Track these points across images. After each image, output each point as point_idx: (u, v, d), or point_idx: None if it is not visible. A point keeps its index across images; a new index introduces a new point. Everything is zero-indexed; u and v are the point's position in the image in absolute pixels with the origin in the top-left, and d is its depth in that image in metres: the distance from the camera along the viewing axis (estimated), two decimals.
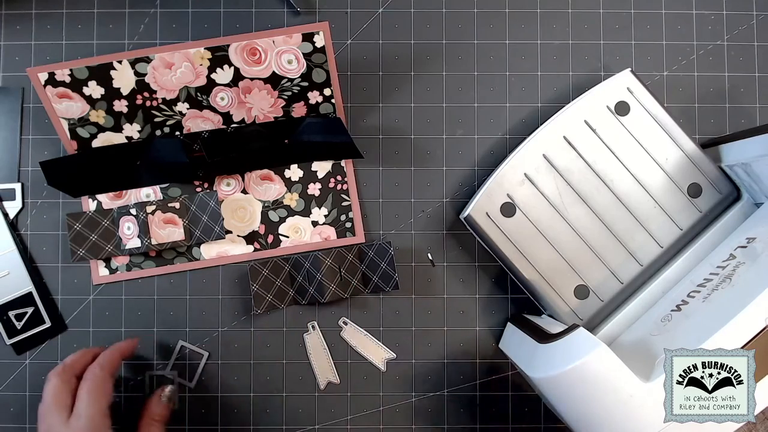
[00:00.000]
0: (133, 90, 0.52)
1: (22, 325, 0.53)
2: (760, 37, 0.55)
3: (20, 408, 0.53)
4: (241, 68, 0.52)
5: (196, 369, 0.54)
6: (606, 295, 0.50)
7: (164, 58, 0.51)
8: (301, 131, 0.53)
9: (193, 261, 0.54)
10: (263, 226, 0.54)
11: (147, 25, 0.54)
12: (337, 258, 0.53)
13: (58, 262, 0.53)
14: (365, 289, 0.53)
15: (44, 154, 0.53)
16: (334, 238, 0.54)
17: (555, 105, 0.54)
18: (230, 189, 0.54)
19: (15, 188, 0.53)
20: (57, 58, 0.53)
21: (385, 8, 0.54)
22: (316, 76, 0.52)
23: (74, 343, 0.53)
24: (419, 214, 0.55)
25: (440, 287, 0.54)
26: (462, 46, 0.55)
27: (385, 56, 0.54)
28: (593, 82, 0.51)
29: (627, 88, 0.50)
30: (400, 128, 0.55)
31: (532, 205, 0.50)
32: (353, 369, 0.54)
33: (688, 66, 0.55)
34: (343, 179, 0.54)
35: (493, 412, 0.54)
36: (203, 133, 0.53)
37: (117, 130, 0.52)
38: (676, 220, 0.50)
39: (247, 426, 0.54)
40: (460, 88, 0.55)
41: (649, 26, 0.55)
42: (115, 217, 0.53)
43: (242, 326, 0.54)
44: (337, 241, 0.54)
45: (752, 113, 0.55)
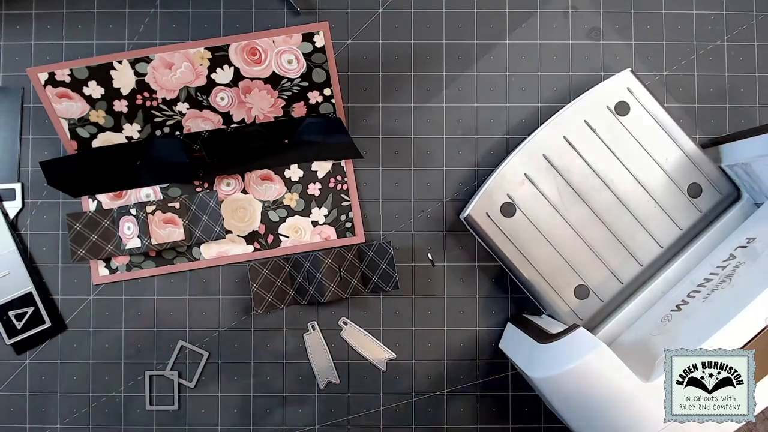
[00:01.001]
0: (133, 90, 0.52)
1: (22, 325, 0.53)
2: (760, 37, 0.55)
3: (20, 408, 0.53)
4: (241, 68, 0.52)
5: (196, 369, 0.54)
6: (606, 295, 0.50)
7: (164, 58, 0.51)
8: (301, 131, 0.53)
9: (193, 261, 0.54)
10: (263, 226, 0.54)
11: (147, 25, 0.54)
12: (337, 258, 0.53)
13: (58, 262, 0.53)
14: (365, 289, 0.53)
15: (44, 154, 0.53)
16: (334, 238, 0.54)
17: (555, 105, 0.54)
18: (230, 189, 0.54)
19: (15, 188, 0.53)
20: (57, 58, 0.53)
21: (385, 8, 0.54)
22: (316, 76, 0.52)
23: (74, 343, 0.53)
24: (419, 214, 0.55)
25: (440, 287, 0.54)
26: (462, 46, 0.55)
27: (385, 56, 0.54)
28: (593, 82, 0.51)
29: (627, 88, 0.50)
30: (400, 128, 0.55)
31: (532, 204, 0.50)
32: (353, 369, 0.54)
33: (688, 66, 0.55)
34: (343, 179, 0.54)
35: (493, 412, 0.54)
36: (203, 133, 0.53)
37: (117, 130, 0.52)
38: (676, 220, 0.50)
39: (247, 426, 0.54)
40: (460, 88, 0.55)
41: (649, 26, 0.55)
42: (115, 217, 0.53)
43: (242, 326, 0.54)
44: (337, 241, 0.54)
45: (752, 113, 0.55)
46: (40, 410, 0.53)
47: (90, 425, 0.53)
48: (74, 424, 0.53)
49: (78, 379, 0.53)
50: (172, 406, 0.53)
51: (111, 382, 0.53)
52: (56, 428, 0.53)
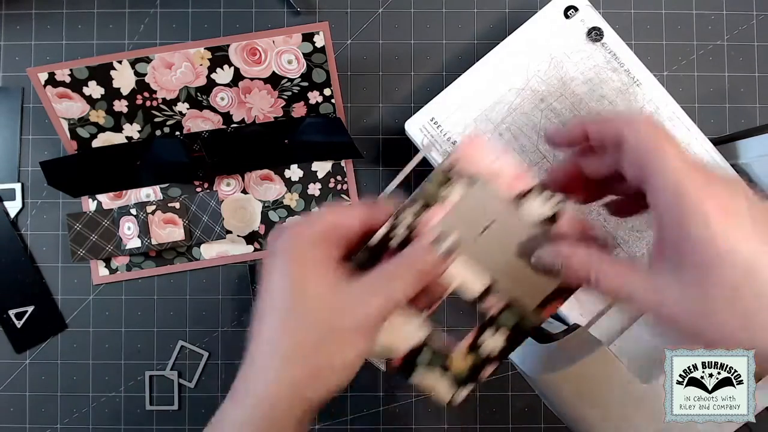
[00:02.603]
0: (133, 90, 0.52)
1: (22, 324, 0.53)
2: (760, 37, 0.55)
3: (20, 408, 0.53)
4: (241, 68, 0.52)
5: (196, 369, 0.54)
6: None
7: (164, 58, 0.51)
8: (301, 131, 0.53)
9: (193, 261, 0.54)
10: (263, 226, 0.54)
11: (147, 25, 0.54)
12: None
13: (58, 262, 0.53)
14: None
15: (44, 154, 0.53)
16: None
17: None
18: (230, 189, 0.54)
19: (15, 188, 0.53)
20: (57, 58, 0.53)
21: (385, 8, 0.54)
22: (316, 76, 0.52)
23: (74, 343, 0.53)
24: None
25: None
26: (462, 46, 0.55)
27: (385, 56, 0.54)
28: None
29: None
30: (400, 128, 0.55)
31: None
32: None
33: (688, 66, 0.55)
34: (343, 179, 0.54)
35: (493, 412, 0.54)
36: (203, 133, 0.53)
37: (117, 130, 0.52)
38: None
39: None
40: None
41: (649, 26, 0.55)
42: (115, 217, 0.53)
43: (242, 326, 0.54)
44: None
45: (752, 113, 0.55)
46: (40, 410, 0.53)
47: (90, 425, 0.53)
48: (74, 424, 0.53)
49: (78, 379, 0.53)
50: (172, 406, 0.53)
51: (111, 382, 0.53)
52: (56, 428, 0.53)
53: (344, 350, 0.27)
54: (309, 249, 0.28)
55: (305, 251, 0.28)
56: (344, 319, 0.27)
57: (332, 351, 0.27)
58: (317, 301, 0.27)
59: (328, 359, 0.27)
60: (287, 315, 0.27)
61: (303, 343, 0.27)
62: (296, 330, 0.27)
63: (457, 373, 0.32)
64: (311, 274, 0.28)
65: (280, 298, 0.28)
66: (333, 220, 0.29)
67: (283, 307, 0.28)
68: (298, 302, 0.27)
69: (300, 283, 0.27)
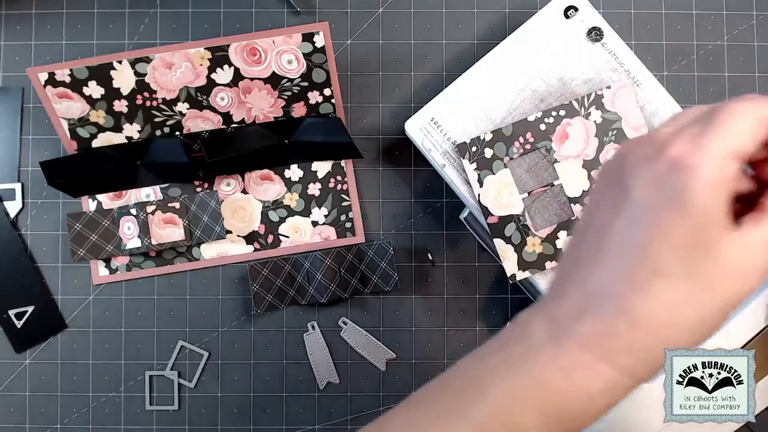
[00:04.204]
0: (133, 90, 0.52)
1: (22, 324, 0.53)
2: (760, 37, 0.55)
3: (20, 408, 0.53)
4: (241, 68, 0.52)
5: (196, 369, 0.54)
6: None
7: (164, 58, 0.51)
8: (301, 131, 0.53)
9: (193, 261, 0.54)
10: (263, 226, 0.54)
11: (147, 25, 0.54)
12: (337, 258, 0.53)
13: (58, 262, 0.53)
14: (365, 289, 0.53)
15: (44, 154, 0.53)
16: (334, 238, 0.54)
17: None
18: (230, 189, 0.54)
19: (15, 188, 0.53)
20: (57, 58, 0.53)
21: (385, 8, 0.54)
22: (316, 76, 0.52)
23: (74, 343, 0.53)
24: (419, 214, 0.55)
25: (440, 287, 0.54)
26: (462, 46, 0.55)
27: (385, 56, 0.54)
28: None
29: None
30: (400, 128, 0.55)
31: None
32: (353, 369, 0.54)
33: (688, 66, 0.55)
34: (343, 179, 0.54)
35: None
36: (203, 133, 0.53)
37: (117, 130, 0.52)
38: None
39: (247, 426, 0.54)
40: None
41: (649, 26, 0.55)
42: (115, 217, 0.53)
43: (242, 326, 0.54)
44: (337, 241, 0.54)
45: None
46: (40, 410, 0.53)
47: (90, 425, 0.53)
48: (74, 424, 0.53)
49: (78, 379, 0.53)
50: (172, 406, 0.53)
51: (111, 382, 0.53)
52: (56, 428, 0.53)
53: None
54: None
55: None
56: None
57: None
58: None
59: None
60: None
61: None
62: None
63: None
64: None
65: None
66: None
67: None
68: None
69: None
